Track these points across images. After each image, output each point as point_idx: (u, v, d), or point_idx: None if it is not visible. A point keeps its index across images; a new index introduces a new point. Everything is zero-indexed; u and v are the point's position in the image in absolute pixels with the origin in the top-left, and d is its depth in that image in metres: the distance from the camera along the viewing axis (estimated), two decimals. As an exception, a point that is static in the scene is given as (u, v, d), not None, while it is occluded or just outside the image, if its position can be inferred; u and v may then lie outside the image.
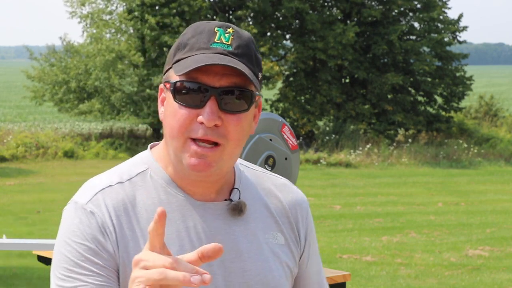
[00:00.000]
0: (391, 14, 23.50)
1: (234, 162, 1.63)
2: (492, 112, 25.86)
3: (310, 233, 1.76)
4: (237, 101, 1.58)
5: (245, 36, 1.62)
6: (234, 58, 1.57)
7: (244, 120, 1.59)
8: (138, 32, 22.05)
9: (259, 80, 1.62)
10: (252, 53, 1.61)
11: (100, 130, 23.29)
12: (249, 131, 1.63)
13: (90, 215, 1.64)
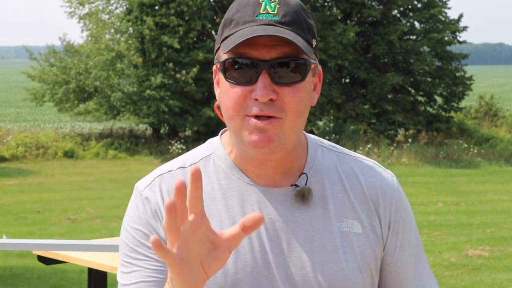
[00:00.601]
0: (391, 14, 23.48)
1: (297, 137, 1.55)
2: (492, 112, 25.84)
3: (399, 222, 1.62)
4: (291, 72, 1.50)
5: (292, 3, 1.54)
6: (282, 27, 1.50)
7: (301, 90, 1.51)
8: (137, 32, 22.04)
9: (313, 47, 1.55)
10: (301, 19, 1.53)
11: (100, 130, 23.28)
12: (309, 101, 1.55)
13: (146, 201, 1.61)
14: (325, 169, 1.60)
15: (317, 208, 1.57)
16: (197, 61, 21.55)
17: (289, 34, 1.49)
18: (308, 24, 1.54)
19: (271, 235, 1.55)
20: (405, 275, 1.64)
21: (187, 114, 21.64)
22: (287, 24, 1.51)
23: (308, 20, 1.55)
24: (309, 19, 1.55)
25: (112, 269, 3.85)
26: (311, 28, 1.55)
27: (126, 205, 11.93)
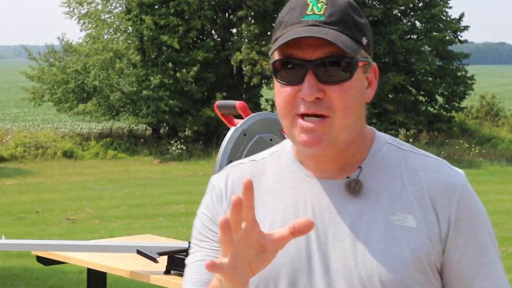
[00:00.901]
0: (392, 13, 23.43)
1: (349, 134, 1.57)
2: (494, 112, 25.81)
3: (462, 220, 1.57)
4: (336, 70, 1.54)
5: (340, 2, 1.57)
6: (326, 27, 1.54)
7: (349, 88, 1.55)
8: (136, 31, 21.99)
9: (364, 45, 1.58)
10: (349, 18, 1.56)
11: (100, 130, 23.23)
12: (360, 99, 1.58)
13: (212, 188, 1.80)
14: (386, 165, 1.62)
15: (368, 201, 1.58)
16: (197, 61, 21.49)
17: (332, 34, 1.53)
18: (357, 23, 1.58)
19: (318, 225, 1.58)
20: (472, 274, 1.59)
21: (187, 114, 21.58)
22: (332, 24, 1.54)
23: (357, 18, 1.58)
24: (358, 17, 1.58)
25: (111, 270, 3.80)
26: (360, 26, 1.58)
27: (125, 205, 11.95)
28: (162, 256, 3.49)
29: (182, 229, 11.31)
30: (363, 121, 1.60)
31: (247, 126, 3.45)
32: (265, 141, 3.49)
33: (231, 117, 3.54)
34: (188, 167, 19.33)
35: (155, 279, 3.52)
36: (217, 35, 22.94)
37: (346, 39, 1.53)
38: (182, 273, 3.46)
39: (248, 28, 22.01)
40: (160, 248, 3.58)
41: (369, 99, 1.61)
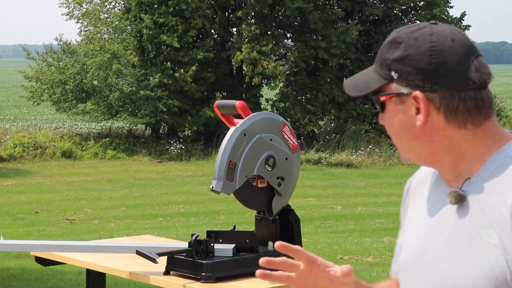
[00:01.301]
0: (393, 12, 23.41)
1: (413, 153, 1.75)
2: (495, 112, 25.78)
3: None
4: (378, 105, 1.75)
5: (391, 35, 1.76)
6: (373, 66, 1.76)
7: (388, 119, 1.74)
8: (135, 31, 21.95)
9: (395, 78, 1.71)
10: (381, 56, 1.74)
11: (99, 130, 23.20)
12: (402, 130, 1.73)
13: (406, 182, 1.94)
14: (498, 179, 1.67)
15: (466, 213, 1.67)
16: (196, 60, 21.45)
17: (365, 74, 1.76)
18: (383, 60, 1.72)
19: (430, 228, 1.74)
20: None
21: (186, 114, 21.55)
22: (375, 63, 1.76)
23: (385, 55, 1.72)
24: (387, 53, 1.72)
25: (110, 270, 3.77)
26: (386, 62, 1.72)
27: (124, 205, 11.87)
28: (161, 256, 3.45)
29: (181, 229, 11.29)
30: (433, 141, 1.71)
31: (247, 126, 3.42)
32: (265, 141, 3.47)
33: (231, 117, 3.51)
34: (188, 167, 19.31)
35: (154, 280, 3.49)
36: (217, 34, 22.91)
37: (370, 77, 1.74)
38: (182, 273, 3.42)
39: (248, 28, 21.98)
40: (159, 248, 3.55)
41: (419, 124, 1.70)
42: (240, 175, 3.37)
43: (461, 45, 1.68)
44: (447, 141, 1.70)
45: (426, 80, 1.67)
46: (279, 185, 3.49)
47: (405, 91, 1.69)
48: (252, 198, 3.48)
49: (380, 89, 1.72)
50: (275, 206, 3.50)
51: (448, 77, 1.66)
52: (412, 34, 1.69)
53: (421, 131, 1.69)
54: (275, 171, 3.47)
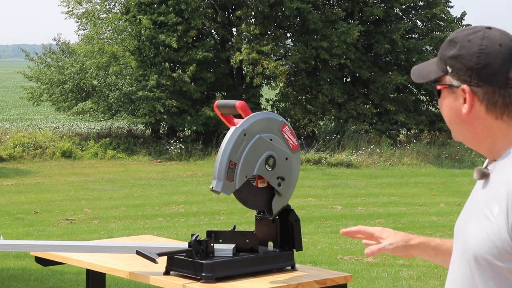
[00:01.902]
0: (393, 12, 23.40)
1: (460, 135, 2.10)
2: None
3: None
4: (436, 92, 2.16)
5: (451, 35, 2.11)
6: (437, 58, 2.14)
7: (442, 104, 2.13)
8: (135, 31, 21.94)
9: (450, 72, 2.08)
10: (440, 52, 2.11)
11: (99, 130, 23.19)
12: (451, 115, 2.09)
13: None
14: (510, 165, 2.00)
15: (486, 188, 2.03)
16: (196, 60, 21.44)
17: (428, 64, 2.18)
18: (442, 55, 2.10)
19: (469, 198, 2.12)
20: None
21: (185, 114, 21.54)
22: (438, 55, 2.15)
23: (443, 52, 2.10)
24: (445, 50, 2.10)
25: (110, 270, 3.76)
26: (444, 58, 2.10)
27: (124, 205, 11.86)
28: (161, 256, 3.45)
29: (181, 229, 11.28)
30: (475, 127, 2.05)
31: (247, 126, 3.42)
32: (265, 141, 3.46)
33: (231, 116, 3.50)
34: (188, 167, 19.30)
35: (154, 280, 3.49)
36: (217, 34, 22.90)
37: (431, 68, 2.16)
38: (182, 273, 3.42)
39: (248, 28, 21.97)
40: (159, 248, 3.54)
41: (464, 112, 2.06)
42: (240, 175, 3.36)
43: (506, 49, 2.01)
44: (486, 128, 2.04)
45: (473, 76, 2.02)
46: (279, 185, 3.48)
47: (456, 84, 2.06)
48: (252, 198, 3.48)
49: (438, 79, 2.13)
50: (275, 206, 3.50)
51: (491, 76, 2.00)
52: (467, 36, 2.05)
53: (466, 118, 2.04)
54: (275, 171, 3.47)
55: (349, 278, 3.56)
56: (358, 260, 9.52)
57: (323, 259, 9.48)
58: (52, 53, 22.83)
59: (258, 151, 3.42)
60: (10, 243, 4.00)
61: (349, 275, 3.58)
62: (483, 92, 2.02)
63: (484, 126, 2.04)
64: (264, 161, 3.43)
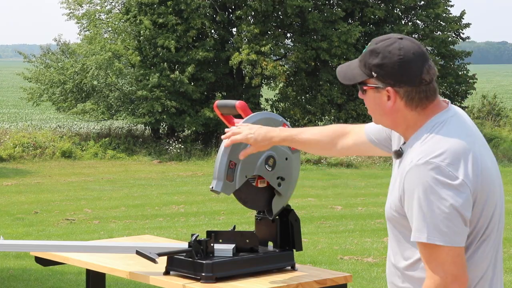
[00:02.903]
0: (394, 12, 23.39)
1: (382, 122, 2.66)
2: (495, 112, 25.78)
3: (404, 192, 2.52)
4: (361, 90, 2.67)
5: (368, 48, 2.61)
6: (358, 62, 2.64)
7: (367, 100, 2.65)
8: (135, 31, 21.95)
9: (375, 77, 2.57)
10: (363, 59, 2.60)
11: (98, 130, 23.20)
12: (376, 108, 2.63)
13: None
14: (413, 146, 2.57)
15: (400, 165, 2.60)
16: (195, 60, 21.44)
17: (352, 68, 2.68)
18: (366, 62, 2.60)
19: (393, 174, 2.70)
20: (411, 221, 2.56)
21: (184, 114, 21.54)
22: (359, 61, 2.63)
23: (367, 60, 2.59)
24: (369, 59, 2.58)
25: (110, 271, 3.76)
26: (368, 65, 2.58)
27: (124, 205, 11.88)
28: (161, 256, 3.44)
29: (181, 229, 11.28)
30: (395, 117, 2.59)
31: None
32: None
33: (230, 116, 3.50)
34: (188, 167, 19.30)
35: (154, 280, 3.48)
36: (217, 34, 22.90)
37: (356, 71, 2.64)
38: (182, 273, 3.42)
39: (248, 28, 21.96)
40: (159, 248, 3.54)
41: (389, 108, 2.59)
42: (240, 175, 3.36)
43: (418, 56, 2.54)
44: (402, 118, 2.58)
45: (395, 80, 2.54)
46: (279, 185, 3.48)
47: (381, 86, 2.57)
48: (252, 198, 3.47)
49: (363, 81, 2.62)
50: (275, 206, 3.49)
51: (410, 79, 2.54)
52: (387, 48, 2.56)
53: (389, 111, 2.58)
54: (275, 171, 3.46)
55: (349, 278, 3.56)
56: (358, 260, 9.52)
57: (323, 259, 9.47)
58: (52, 53, 22.84)
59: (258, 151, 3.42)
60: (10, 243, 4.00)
61: (349, 275, 3.58)
62: (403, 91, 2.55)
63: (401, 116, 2.58)
64: (264, 161, 3.43)
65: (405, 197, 2.50)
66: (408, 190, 2.48)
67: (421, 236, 2.45)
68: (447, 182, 2.42)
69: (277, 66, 21.65)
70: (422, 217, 2.44)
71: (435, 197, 2.42)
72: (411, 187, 2.47)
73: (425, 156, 2.46)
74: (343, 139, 3.04)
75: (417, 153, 2.49)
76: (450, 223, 2.42)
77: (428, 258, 2.46)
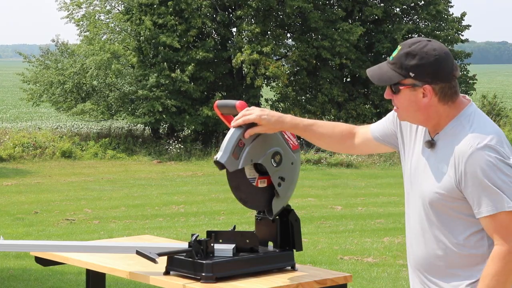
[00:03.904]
0: (393, 12, 23.40)
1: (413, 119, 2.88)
2: (495, 112, 25.78)
3: (465, 175, 2.75)
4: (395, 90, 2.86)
5: (403, 51, 2.81)
6: (389, 65, 2.85)
7: (400, 99, 2.85)
8: (136, 32, 21.95)
9: (412, 77, 2.79)
10: (401, 61, 2.80)
11: (98, 130, 23.20)
12: (411, 105, 2.84)
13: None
14: (453, 135, 2.84)
15: (436, 152, 2.87)
16: (195, 60, 21.44)
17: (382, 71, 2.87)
18: (403, 64, 2.81)
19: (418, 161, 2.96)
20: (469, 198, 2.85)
21: (184, 114, 21.54)
22: (391, 64, 2.84)
23: (404, 62, 2.81)
24: (405, 61, 2.80)
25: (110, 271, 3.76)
26: (405, 67, 2.81)
27: (124, 205, 11.89)
28: (161, 256, 3.44)
29: (181, 229, 11.28)
30: (428, 112, 2.83)
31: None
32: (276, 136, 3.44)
33: (231, 117, 3.49)
34: (188, 167, 19.30)
35: (154, 280, 3.48)
36: (217, 34, 22.89)
37: (391, 74, 2.82)
38: (182, 273, 3.42)
39: (248, 27, 21.95)
40: (159, 248, 3.54)
41: (425, 104, 2.83)
42: (246, 156, 3.34)
43: (448, 55, 2.83)
44: (436, 112, 2.84)
45: (432, 78, 2.80)
46: (279, 185, 3.48)
47: (419, 84, 2.81)
48: (252, 198, 3.47)
49: (399, 81, 2.82)
50: (275, 207, 3.49)
51: (444, 76, 2.81)
52: (422, 49, 2.78)
53: (423, 107, 2.82)
54: (278, 169, 3.46)
55: (349, 278, 3.56)
56: (358, 260, 9.52)
57: (323, 259, 9.48)
58: (51, 54, 22.85)
59: (268, 142, 3.41)
60: (10, 243, 4.00)
61: (349, 275, 3.58)
62: (438, 87, 2.81)
63: (435, 111, 2.84)
64: (272, 155, 3.43)
65: (467, 178, 2.74)
66: (471, 171, 2.74)
67: (503, 206, 2.73)
68: (505, 161, 2.74)
69: (279, 66, 21.65)
70: (496, 191, 2.73)
71: (502, 173, 2.73)
72: (474, 169, 2.74)
73: (482, 140, 2.75)
74: (351, 139, 3.24)
75: (471, 139, 2.76)
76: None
77: (507, 226, 2.74)
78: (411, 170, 2.97)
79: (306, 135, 3.29)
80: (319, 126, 3.25)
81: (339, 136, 3.25)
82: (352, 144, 3.25)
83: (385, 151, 3.23)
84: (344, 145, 3.28)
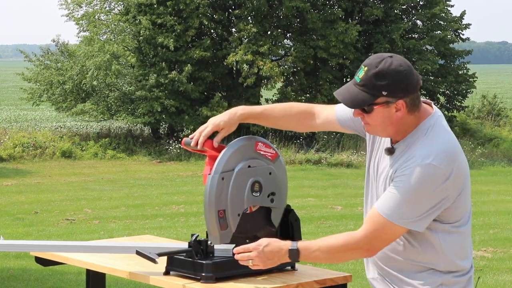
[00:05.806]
0: (393, 12, 23.39)
1: (384, 133, 2.96)
2: (495, 112, 25.79)
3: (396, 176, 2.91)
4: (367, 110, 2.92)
5: (371, 72, 2.86)
6: (356, 86, 2.89)
7: (373, 116, 2.91)
8: (135, 32, 21.94)
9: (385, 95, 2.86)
10: (370, 82, 2.86)
11: (98, 130, 23.21)
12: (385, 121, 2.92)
13: None
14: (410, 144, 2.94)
15: (392, 159, 2.98)
16: (194, 60, 21.43)
17: (356, 94, 2.90)
18: (374, 85, 2.86)
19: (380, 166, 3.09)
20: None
21: (184, 114, 21.53)
22: (360, 86, 2.88)
23: (375, 82, 2.85)
24: (377, 81, 2.85)
25: (110, 271, 3.76)
26: (377, 87, 2.86)
27: (124, 205, 11.91)
28: (161, 256, 3.44)
29: (181, 229, 11.28)
30: (399, 125, 2.92)
31: (221, 169, 3.36)
32: (244, 172, 3.37)
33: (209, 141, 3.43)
34: (188, 167, 19.30)
35: (154, 280, 3.48)
36: (216, 33, 22.89)
37: (362, 95, 2.87)
38: (182, 273, 3.42)
39: (246, 28, 21.94)
40: (159, 248, 3.54)
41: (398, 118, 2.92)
42: (233, 218, 3.33)
43: (411, 67, 2.90)
44: (404, 124, 2.93)
45: (404, 93, 2.88)
46: (272, 201, 3.45)
47: (393, 101, 2.89)
48: (251, 225, 3.44)
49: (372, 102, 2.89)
50: (275, 220, 3.49)
51: (413, 88, 2.90)
52: (389, 67, 2.84)
53: (395, 121, 2.91)
54: (263, 192, 3.43)
55: (349, 278, 3.56)
56: (358, 260, 9.51)
57: (323, 259, 9.47)
58: (51, 54, 22.84)
59: (241, 185, 3.36)
60: (10, 243, 4.00)
61: (349, 275, 3.58)
62: (409, 100, 2.89)
63: (404, 123, 2.92)
64: (250, 190, 3.39)
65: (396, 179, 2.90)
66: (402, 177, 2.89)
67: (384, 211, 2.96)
68: (437, 184, 2.86)
69: (273, 67, 21.62)
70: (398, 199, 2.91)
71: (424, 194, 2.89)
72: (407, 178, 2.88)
73: (425, 159, 2.86)
74: (311, 119, 3.29)
75: (418, 155, 2.87)
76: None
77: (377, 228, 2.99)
78: (372, 172, 3.08)
79: (262, 122, 3.35)
80: (272, 110, 3.30)
81: (296, 117, 3.29)
82: (313, 124, 3.30)
83: (343, 131, 3.30)
84: (303, 125, 3.34)
